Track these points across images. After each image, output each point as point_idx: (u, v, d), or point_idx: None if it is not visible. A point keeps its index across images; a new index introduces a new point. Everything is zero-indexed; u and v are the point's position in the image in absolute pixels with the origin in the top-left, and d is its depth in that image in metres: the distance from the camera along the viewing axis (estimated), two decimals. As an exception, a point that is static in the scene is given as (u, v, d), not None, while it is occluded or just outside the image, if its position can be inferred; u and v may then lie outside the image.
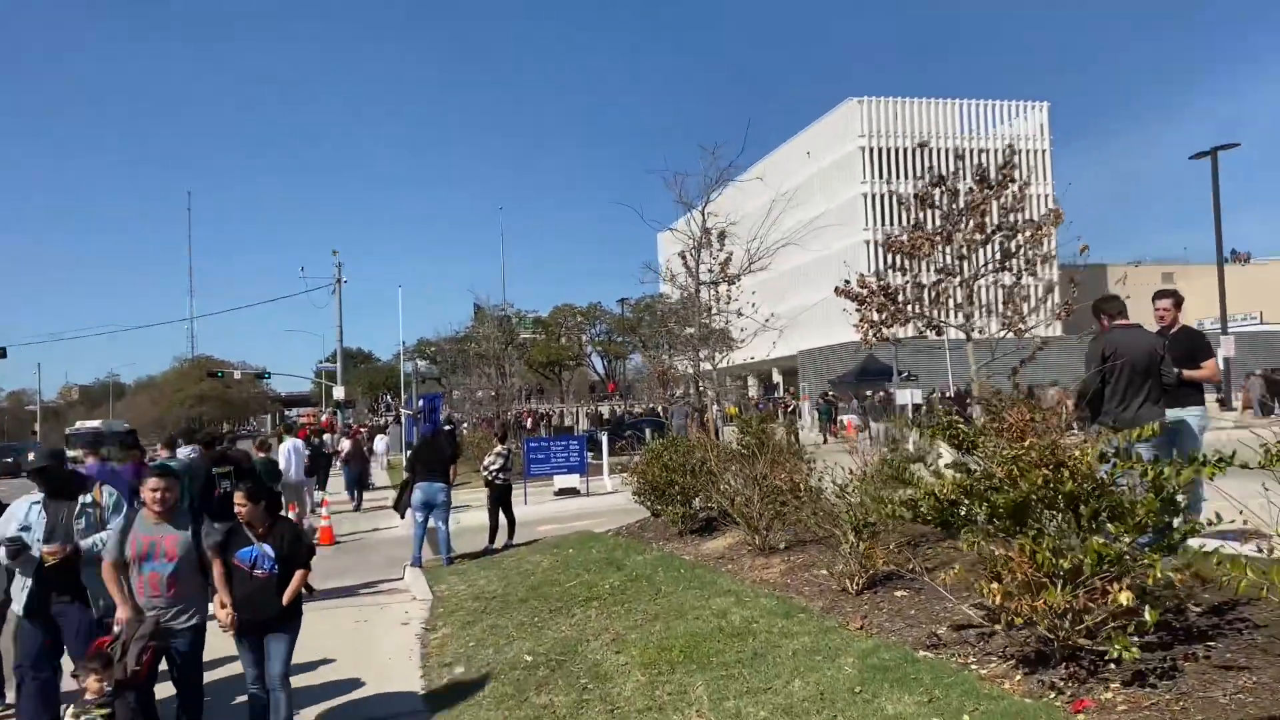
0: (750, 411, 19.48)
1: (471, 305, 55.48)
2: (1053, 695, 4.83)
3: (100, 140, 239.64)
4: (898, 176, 76.80)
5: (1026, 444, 4.85)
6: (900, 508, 5.64)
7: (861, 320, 16.02)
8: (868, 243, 76.19)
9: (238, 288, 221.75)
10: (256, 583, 5.79)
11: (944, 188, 15.44)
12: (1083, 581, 4.66)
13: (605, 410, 62.54)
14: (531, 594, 9.75)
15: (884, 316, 15.57)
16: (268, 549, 5.84)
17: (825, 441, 30.56)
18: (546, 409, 67.04)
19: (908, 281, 15.95)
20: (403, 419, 40.44)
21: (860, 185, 72.06)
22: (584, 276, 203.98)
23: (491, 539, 13.83)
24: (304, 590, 6.04)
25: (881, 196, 74.79)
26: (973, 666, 5.44)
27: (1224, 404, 32.99)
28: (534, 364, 71.46)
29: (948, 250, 15.83)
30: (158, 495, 5.72)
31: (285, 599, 5.81)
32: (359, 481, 23.39)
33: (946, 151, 79.16)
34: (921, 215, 15.97)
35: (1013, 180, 14.91)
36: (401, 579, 12.35)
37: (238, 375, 70.67)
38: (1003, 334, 15.13)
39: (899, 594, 7.09)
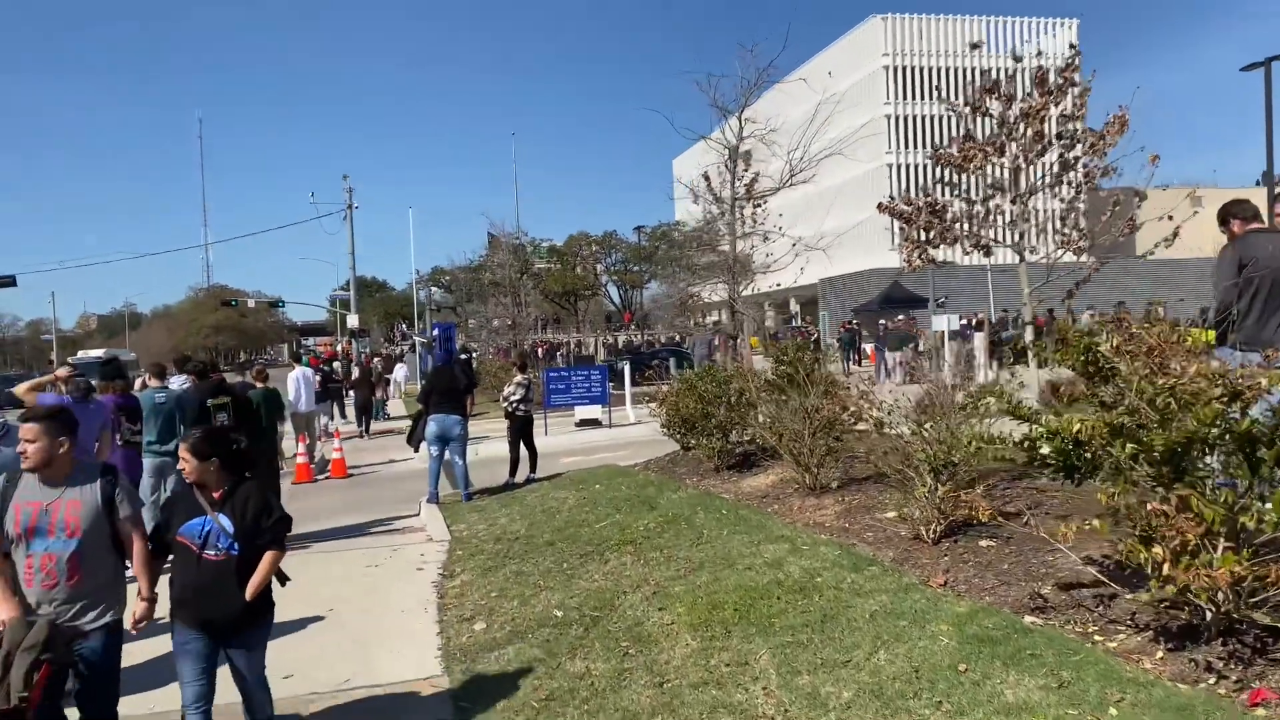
0: (785, 339, 18.52)
1: (486, 234, 54.37)
2: (1212, 680, 3.91)
3: (111, 68, 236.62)
4: (922, 97, 74.56)
5: (1194, 370, 3.86)
6: (1007, 448, 4.68)
7: (905, 240, 14.95)
8: (890, 166, 74.28)
9: (253, 217, 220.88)
10: (207, 568, 4.25)
11: (999, 93, 14.19)
12: (1264, 543, 3.72)
13: (621, 340, 61.66)
14: (558, 536, 8.89)
15: (931, 236, 14.47)
16: (224, 521, 4.31)
17: (848, 373, 29.55)
18: (564, 339, 66.20)
19: (957, 196, 14.80)
20: (417, 347, 39.68)
21: (884, 106, 69.90)
22: (599, 205, 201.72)
23: (512, 473, 13.02)
24: (276, 579, 4.56)
25: (905, 118, 72.75)
26: (1096, 638, 4.52)
27: None
28: (549, 293, 70.27)
29: (1001, 163, 14.64)
30: (27, 450, 4.13)
31: (249, 593, 4.29)
32: (365, 408, 23.31)
33: (973, 71, 76.72)
34: (972, 125, 14.75)
35: (1074, 84, 13.64)
36: (417, 515, 11.59)
37: (252, 304, 69.76)
38: (1059, 253, 14.02)
39: (984, 544, 6.16)
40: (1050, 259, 13.78)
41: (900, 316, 30.39)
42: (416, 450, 13.08)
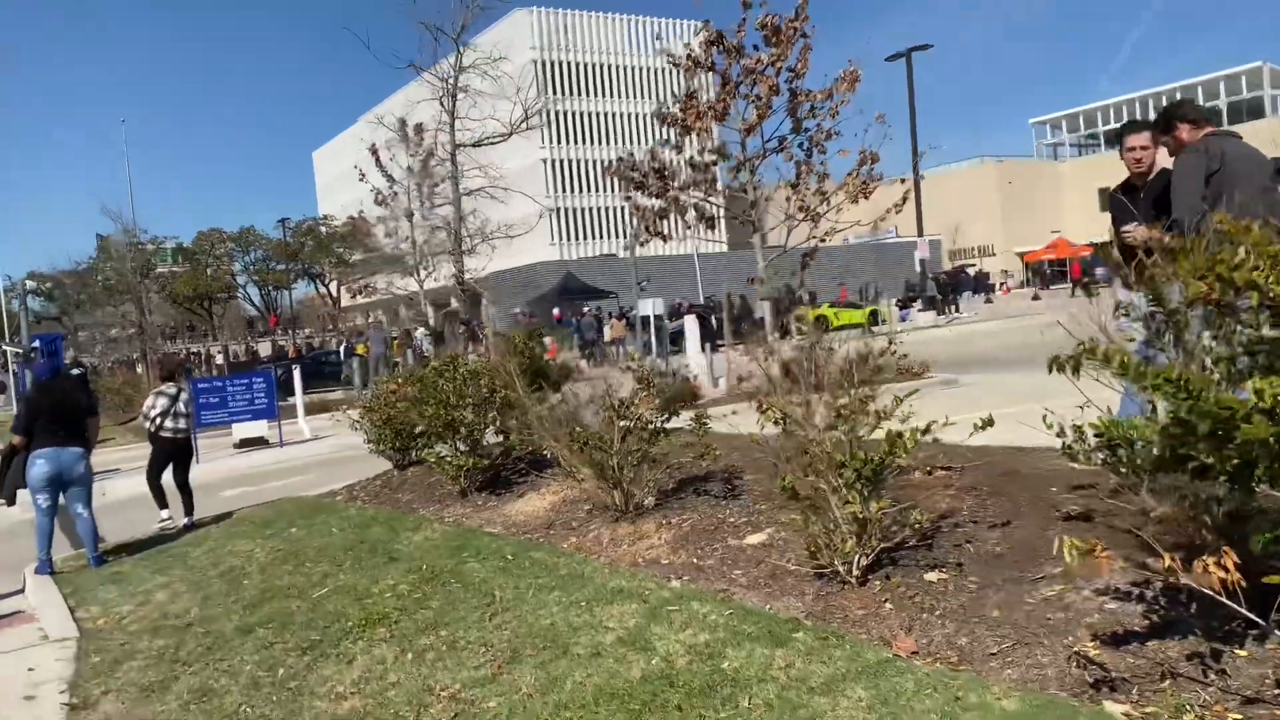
0: (503, 333, 16.55)
1: (95, 235, 47.16)
2: None
3: None
4: (575, 93, 75.09)
5: None
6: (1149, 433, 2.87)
7: (634, 207, 13.38)
8: (545, 161, 74.00)
9: None
10: None
11: (723, 45, 12.92)
12: None
13: (265, 348, 56.18)
14: (256, 617, 6.05)
15: (663, 203, 12.96)
16: None
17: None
18: (198, 349, 59.23)
19: (685, 161, 13.41)
20: (10, 365, 32.78)
21: (535, 102, 69.54)
22: (234, 199, 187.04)
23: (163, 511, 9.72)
24: None
25: (557, 114, 72.71)
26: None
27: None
28: (178, 298, 62.62)
29: (725, 125, 13.44)
30: None
31: None
32: None
33: (619, 69, 78.54)
34: (696, 83, 13.36)
35: (804, 35, 12.62)
36: (21, 594, 8.08)
37: None
38: (794, 225, 13.03)
39: (930, 578, 4.38)
40: (789, 228, 12.77)
41: (586, 308, 29.27)
42: (11, 503, 9.37)
